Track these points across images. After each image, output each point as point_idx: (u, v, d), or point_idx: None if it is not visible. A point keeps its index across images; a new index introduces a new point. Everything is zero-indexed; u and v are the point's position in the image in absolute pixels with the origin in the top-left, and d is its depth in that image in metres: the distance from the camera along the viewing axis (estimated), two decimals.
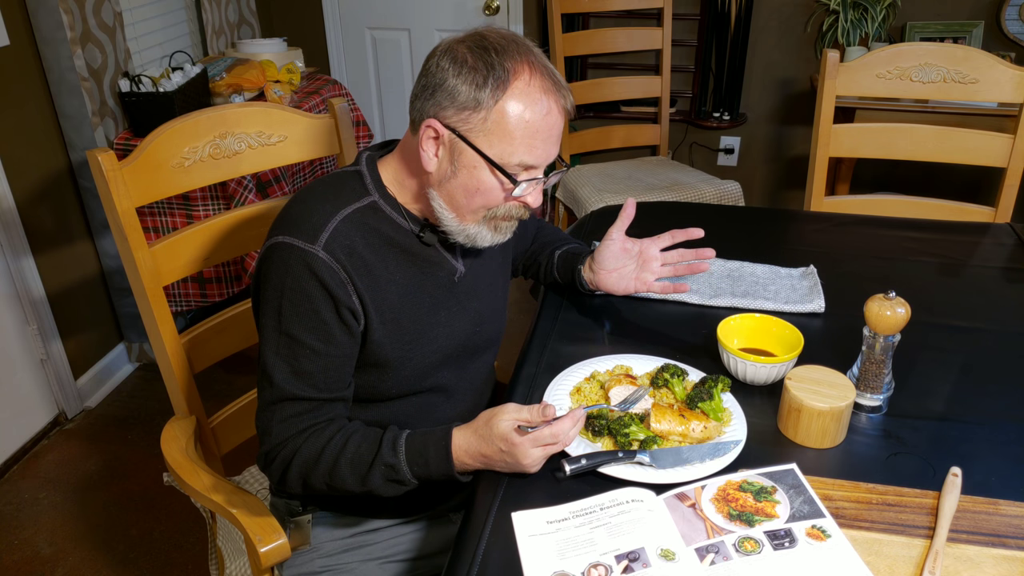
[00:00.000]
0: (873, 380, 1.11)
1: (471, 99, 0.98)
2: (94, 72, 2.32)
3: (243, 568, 1.32)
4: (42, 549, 1.99)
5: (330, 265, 1.01)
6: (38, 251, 2.29)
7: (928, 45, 1.89)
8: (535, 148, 1.01)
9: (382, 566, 1.20)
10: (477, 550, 0.91)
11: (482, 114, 0.98)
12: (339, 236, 1.03)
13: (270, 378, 1.04)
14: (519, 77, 0.98)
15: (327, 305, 1.02)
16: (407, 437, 1.02)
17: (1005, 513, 0.94)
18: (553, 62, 2.73)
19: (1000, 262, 1.57)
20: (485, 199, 1.03)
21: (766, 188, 3.42)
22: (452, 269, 1.14)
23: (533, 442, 0.96)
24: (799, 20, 3.05)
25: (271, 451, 1.05)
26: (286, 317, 1.03)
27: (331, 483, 1.03)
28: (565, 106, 1.03)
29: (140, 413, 2.48)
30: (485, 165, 1.01)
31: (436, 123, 1.01)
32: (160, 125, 1.27)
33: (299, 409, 1.04)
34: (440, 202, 1.05)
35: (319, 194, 1.07)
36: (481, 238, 1.08)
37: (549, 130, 1.02)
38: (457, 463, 1.00)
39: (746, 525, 0.92)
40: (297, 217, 1.04)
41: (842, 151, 1.96)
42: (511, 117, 0.98)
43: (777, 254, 1.56)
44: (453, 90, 0.98)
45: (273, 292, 1.03)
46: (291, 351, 1.03)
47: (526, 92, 0.98)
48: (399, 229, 1.09)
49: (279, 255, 1.03)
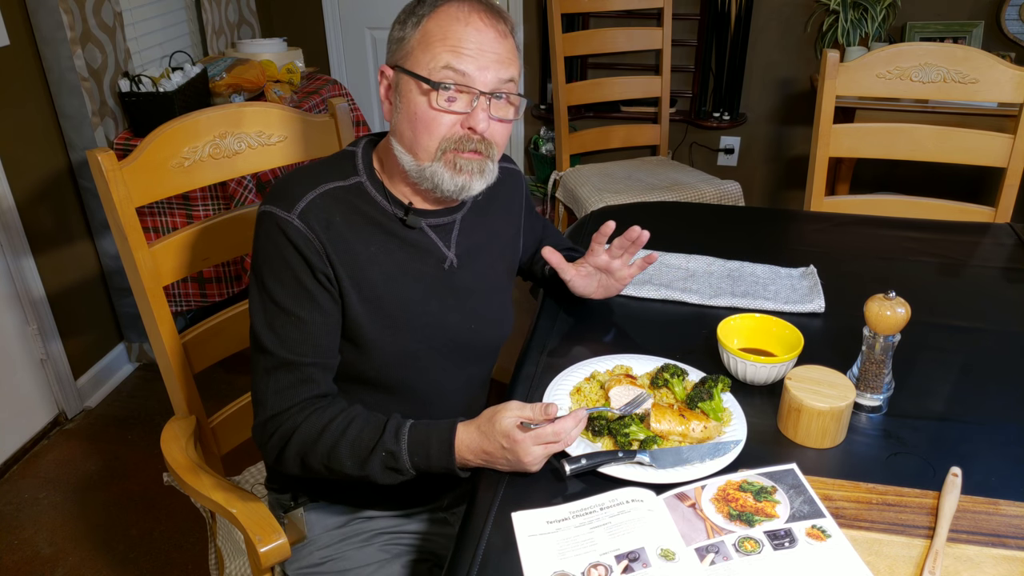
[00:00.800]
0: (873, 380, 1.11)
1: (401, 32, 1.05)
2: (94, 72, 2.32)
3: (243, 568, 1.32)
4: (42, 549, 1.99)
5: (304, 233, 1.03)
6: (38, 251, 2.29)
7: (928, 45, 1.89)
8: (459, 53, 1.00)
9: (383, 547, 1.20)
10: (477, 550, 0.91)
11: (408, 40, 1.03)
12: (315, 208, 1.05)
13: (261, 346, 1.05)
14: (447, 3, 1.02)
15: (305, 271, 1.04)
16: (411, 426, 1.02)
17: (1005, 513, 0.94)
18: (553, 62, 2.76)
19: (1000, 262, 1.57)
20: (425, 123, 1.03)
21: (766, 188, 3.42)
22: (441, 256, 1.14)
23: (535, 439, 0.96)
24: (799, 20, 3.05)
25: (268, 422, 1.05)
26: (270, 285, 1.05)
27: (329, 464, 1.03)
28: (498, 26, 1.03)
29: (140, 413, 2.48)
30: (414, 83, 1.03)
31: (384, 67, 1.07)
32: (160, 125, 1.27)
33: (293, 379, 1.05)
34: (397, 146, 1.07)
35: (308, 170, 1.10)
36: (440, 178, 1.05)
37: (475, 42, 1.01)
38: (458, 458, 1.00)
39: (746, 525, 0.92)
40: (280, 188, 1.07)
41: (842, 151, 1.96)
42: (432, 31, 1.02)
43: (777, 254, 1.56)
44: (393, 33, 1.06)
45: (257, 260, 1.07)
46: (276, 316, 1.05)
47: (446, 11, 1.02)
48: (383, 212, 1.10)
49: (261, 225, 1.06)
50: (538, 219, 1.41)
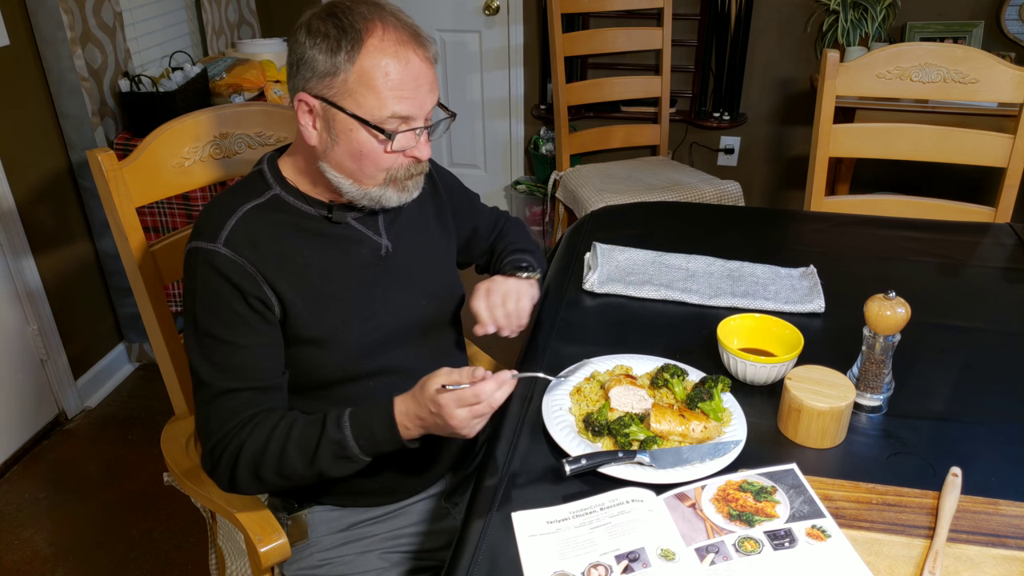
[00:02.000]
0: (873, 380, 1.11)
1: (330, 65, 1.00)
2: (94, 72, 2.32)
3: (243, 568, 1.32)
4: (42, 549, 1.99)
5: (233, 260, 1.04)
6: (38, 251, 2.29)
7: (928, 45, 1.89)
8: (404, 99, 1.02)
9: (382, 556, 1.20)
10: (477, 550, 0.91)
11: (342, 76, 1.00)
12: (239, 232, 1.05)
13: (199, 379, 1.06)
14: (372, 34, 1.00)
15: (236, 298, 1.04)
16: (350, 413, 1.04)
17: (1005, 513, 0.94)
18: (553, 62, 2.76)
19: (1000, 262, 1.57)
20: (372, 160, 1.05)
21: (766, 188, 3.42)
22: (375, 245, 1.16)
23: (457, 402, 0.96)
24: (799, 20, 3.05)
25: (214, 449, 1.05)
26: (202, 317, 1.05)
27: (281, 471, 1.04)
28: (428, 55, 1.04)
29: (140, 413, 2.48)
30: (359, 125, 1.02)
31: (306, 95, 1.03)
32: (160, 125, 1.27)
33: (234, 404, 1.05)
34: (333, 173, 1.08)
35: (221, 199, 1.11)
36: (387, 199, 1.09)
37: (414, 80, 1.02)
38: (402, 429, 1.01)
39: (746, 525, 0.92)
40: (201, 223, 1.08)
41: (842, 151, 1.96)
42: (370, 73, 1.00)
43: (777, 254, 1.56)
44: (312, 60, 1.01)
45: (187, 296, 1.07)
46: (213, 349, 1.05)
47: (380, 47, 1.00)
48: (306, 216, 1.11)
49: (188, 262, 1.07)
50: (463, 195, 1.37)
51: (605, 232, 1.65)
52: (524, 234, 1.44)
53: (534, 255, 1.35)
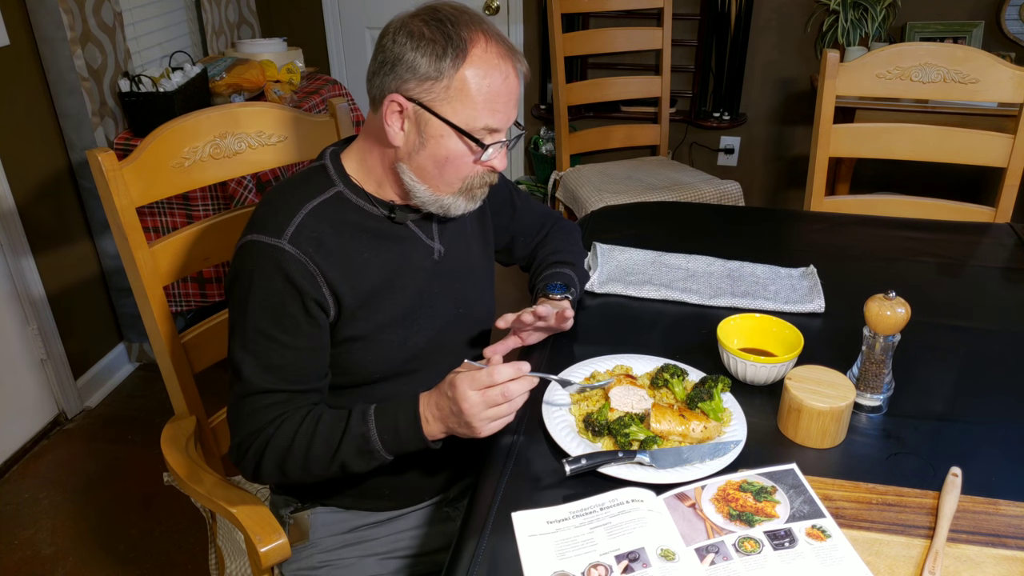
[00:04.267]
0: (873, 380, 1.11)
1: (432, 70, 1.00)
2: (94, 72, 2.32)
3: (243, 568, 1.32)
4: (42, 549, 1.99)
5: (297, 258, 1.03)
6: (38, 251, 2.29)
7: (928, 45, 1.89)
8: (497, 111, 1.04)
9: (381, 561, 1.20)
10: (477, 550, 0.91)
11: (444, 83, 1.01)
12: (305, 229, 1.05)
13: (238, 372, 1.05)
14: (476, 45, 1.01)
15: (293, 299, 1.04)
16: (376, 407, 1.04)
17: (1005, 513, 0.94)
18: (553, 62, 2.76)
19: (1000, 262, 1.57)
20: (455, 167, 1.06)
21: (766, 188, 3.42)
22: (429, 249, 1.16)
23: (471, 382, 0.97)
24: (799, 20, 3.05)
25: (243, 442, 1.06)
26: (253, 312, 1.04)
27: (306, 464, 1.04)
28: (521, 70, 1.06)
29: (140, 413, 2.48)
30: (452, 133, 1.03)
31: (399, 97, 1.03)
32: (160, 125, 1.27)
33: (269, 402, 1.05)
34: (411, 175, 1.08)
35: (284, 192, 1.10)
36: (456, 208, 1.11)
37: (509, 93, 1.04)
38: (423, 421, 1.02)
39: (746, 525, 0.92)
40: (264, 216, 1.07)
41: (842, 151, 1.96)
42: (472, 83, 1.01)
43: (777, 254, 1.55)
44: (413, 63, 1.01)
45: (241, 288, 1.05)
46: (259, 345, 1.04)
47: (484, 59, 1.01)
48: (368, 216, 1.11)
49: (247, 253, 1.05)
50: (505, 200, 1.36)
51: (605, 232, 1.65)
52: (569, 242, 1.41)
53: (574, 267, 1.34)
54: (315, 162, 1.14)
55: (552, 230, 1.42)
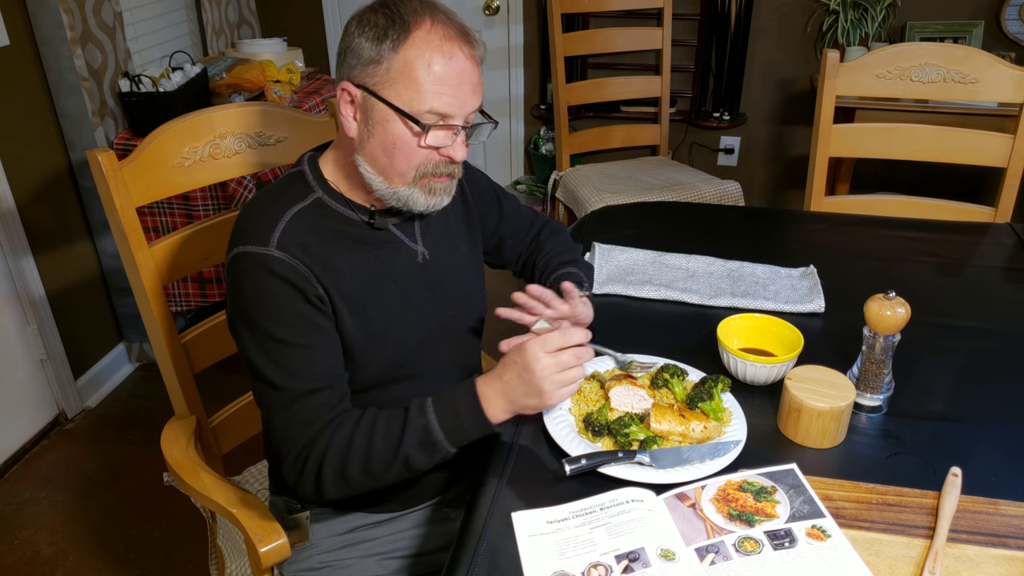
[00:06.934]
0: (873, 380, 1.11)
1: (374, 53, 0.99)
2: (94, 72, 2.32)
3: (243, 568, 1.32)
4: (42, 549, 1.99)
5: (288, 262, 1.02)
6: (38, 251, 2.29)
7: (928, 45, 1.89)
8: (443, 95, 1.00)
9: (381, 562, 1.20)
10: (477, 550, 0.91)
11: (384, 65, 0.99)
12: (290, 234, 1.04)
13: (272, 384, 1.03)
14: (420, 27, 0.99)
15: (297, 298, 1.03)
16: (433, 397, 1.03)
17: (1005, 513, 0.94)
18: (553, 62, 2.76)
19: (1000, 262, 1.57)
20: (404, 154, 1.02)
21: (766, 188, 3.42)
22: (412, 252, 1.15)
23: (542, 344, 0.96)
24: (799, 20, 3.05)
25: (299, 455, 1.03)
26: (263, 322, 1.02)
27: (367, 466, 1.02)
28: (474, 54, 1.03)
29: (140, 413, 2.48)
30: (396, 116, 1.01)
31: (348, 84, 1.02)
32: (160, 125, 1.27)
33: (315, 405, 1.03)
34: (366, 167, 1.06)
35: (264, 201, 1.08)
36: (414, 201, 1.07)
37: (457, 77, 1.00)
38: (483, 400, 1.00)
39: (746, 525, 0.92)
40: (247, 227, 1.05)
41: (842, 151, 1.96)
42: (413, 64, 0.98)
43: (777, 254, 1.56)
44: (358, 48, 1.00)
45: (243, 303, 1.04)
46: (280, 353, 1.03)
47: (426, 40, 0.99)
48: (348, 221, 1.10)
49: (238, 267, 1.04)
50: (492, 201, 1.35)
51: (605, 232, 1.65)
52: (564, 243, 1.39)
53: (578, 265, 1.33)
54: (293, 168, 1.13)
55: (542, 233, 1.41)
